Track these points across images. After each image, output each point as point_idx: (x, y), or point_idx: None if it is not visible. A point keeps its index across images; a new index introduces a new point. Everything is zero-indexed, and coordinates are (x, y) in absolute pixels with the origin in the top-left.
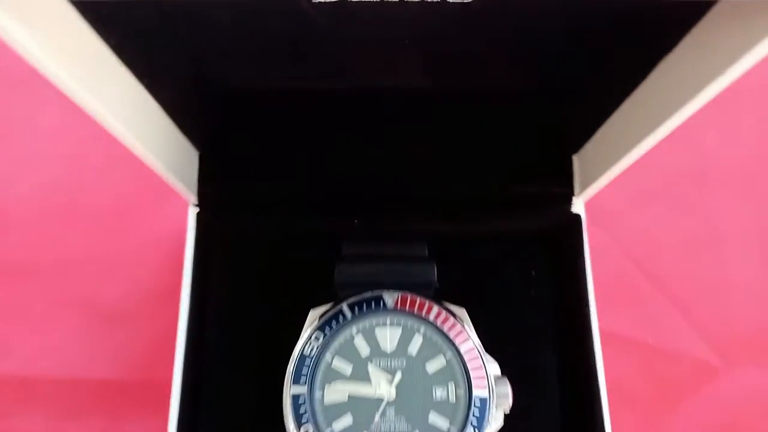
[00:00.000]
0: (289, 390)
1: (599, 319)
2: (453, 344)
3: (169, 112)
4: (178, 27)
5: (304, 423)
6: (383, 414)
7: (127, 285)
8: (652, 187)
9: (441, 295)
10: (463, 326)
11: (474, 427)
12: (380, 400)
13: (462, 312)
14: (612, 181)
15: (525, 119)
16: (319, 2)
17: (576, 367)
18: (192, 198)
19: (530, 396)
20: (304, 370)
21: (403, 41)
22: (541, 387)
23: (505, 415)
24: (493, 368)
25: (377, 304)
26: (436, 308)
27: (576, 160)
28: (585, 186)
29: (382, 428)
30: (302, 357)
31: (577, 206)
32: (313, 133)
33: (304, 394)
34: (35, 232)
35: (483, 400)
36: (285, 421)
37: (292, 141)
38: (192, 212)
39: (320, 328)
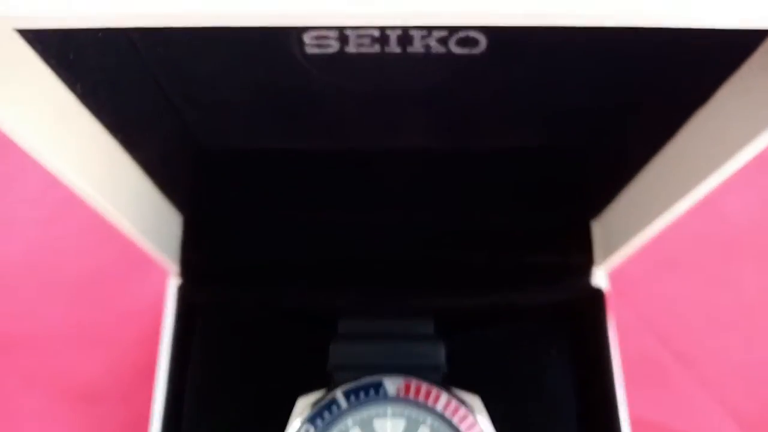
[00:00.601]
0: None
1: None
2: None
3: (149, 171)
4: (157, 73)
5: None
6: None
7: (103, 362)
8: (674, 253)
9: (450, 380)
10: (476, 418)
11: None
12: None
13: (475, 400)
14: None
15: (538, 181)
16: (313, 54)
17: None
18: (173, 267)
19: None
20: None
21: (405, 97)
22: None
23: None
24: None
25: (377, 391)
26: (444, 397)
27: (596, 226)
28: (606, 255)
29: None
30: None
31: (598, 277)
32: (306, 196)
33: None
34: (9, 302)
35: None
36: None
37: (283, 204)
38: (173, 283)
39: (310, 419)
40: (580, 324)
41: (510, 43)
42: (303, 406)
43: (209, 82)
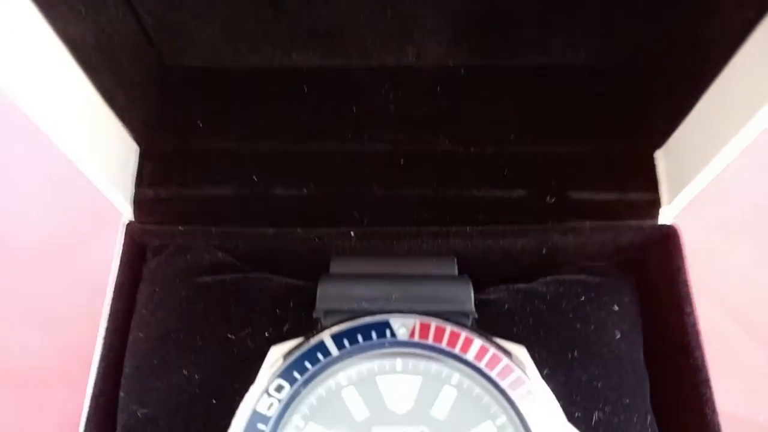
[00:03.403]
0: None
1: None
2: (510, 401)
3: (107, 96)
4: None
5: None
6: None
7: (49, 340)
8: (745, 220)
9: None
10: (522, 371)
11: None
12: None
13: (521, 351)
14: (697, 212)
15: (588, 104)
16: None
17: None
18: (126, 206)
19: None
20: None
21: None
22: None
23: None
24: None
25: (381, 334)
26: (478, 342)
27: (660, 157)
28: (675, 191)
29: None
30: (254, 419)
31: (666, 218)
32: (291, 123)
33: None
34: None
35: None
36: None
37: (259, 130)
38: (122, 225)
39: (286, 373)
40: (647, 272)
41: None
42: (277, 356)
43: None
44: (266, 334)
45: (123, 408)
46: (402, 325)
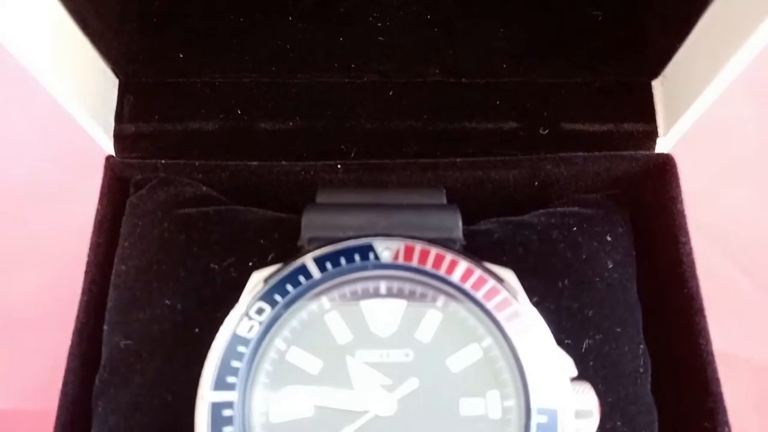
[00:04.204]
0: (207, 396)
1: None
2: (496, 322)
3: (85, 26)
4: None
5: None
6: None
7: (36, 283)
8: (743, 160)
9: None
10: (510, 294)
11: None
12: (368, 417)
13: (509, 275)
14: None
15: (586, 31)
16: None
17: (678, 369)
18: (107, 141)
19: (615, 409)
20: (235, 364)
21: None
22: (631, 393)
23: None
24: (568, 367)
25: (364, 257)
26: (464, 264)
27: (657, 86)
28: (672, 121)
29: None
30: (234, 342)
31: (664, 148)
32: (272, 50)
33: (234, 403)
34: None
35: (551, 417)
36: None
37: (243, 62)
38: (104, 160)
39: (266, 295)
40: (642, 204)
41: None
42: (258, 280)
43: None
44: (250, 264)
45: (107, 341)
46: (386, 248)
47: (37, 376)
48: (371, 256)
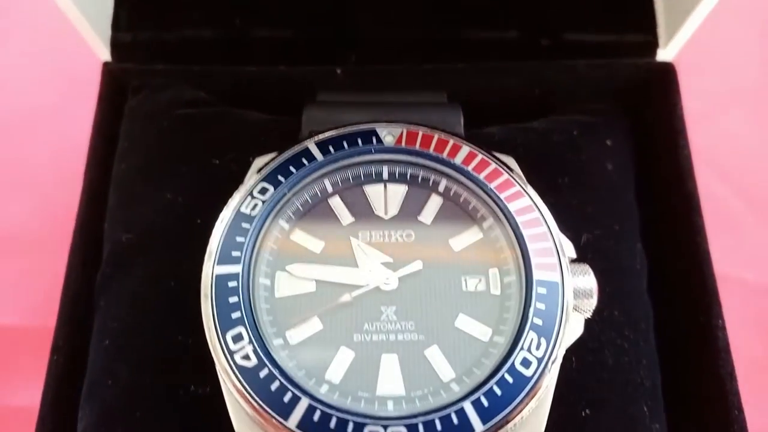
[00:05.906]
0: (213, 269)
1: None
2: (498, 203)
3: None
4: None
5: (235, 327)
6: (376, 315)
7: (30, 206)
8: (743, 83)
9: None
10: (515, 180)
11: (538, 336)
12: (371, 291)
13: (511, 161)
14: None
15: None
16: None
17: (676, 262)
18: (104, 49)
19: (613, 300)
20: (240, 239)
21: None
22: (628, 287)
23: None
24: (567, 248)
25: (367, 141)
26: (467, 148)
27: None
28: (673, 31)
29: (374, 339)
30: (238, 219)
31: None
32: None
33: (239, 275)
34: None
35: (551, 289)
36: (205, 325)
37: None
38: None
39: (270, 177)
40: (643, 112)
41: None
42: (261, 164)
43: None
44: (250, 159)
45: (108, 237)
46: (389, 133)
47: (36, 296)
48: (374, 140)
